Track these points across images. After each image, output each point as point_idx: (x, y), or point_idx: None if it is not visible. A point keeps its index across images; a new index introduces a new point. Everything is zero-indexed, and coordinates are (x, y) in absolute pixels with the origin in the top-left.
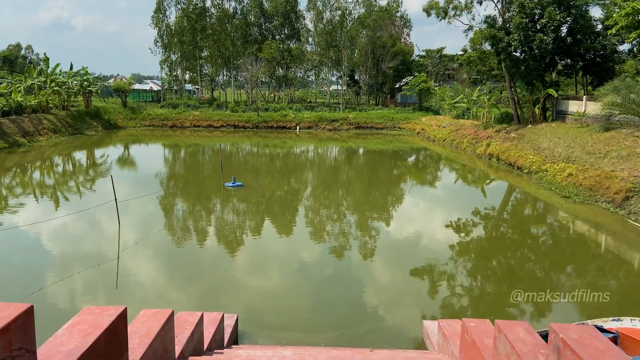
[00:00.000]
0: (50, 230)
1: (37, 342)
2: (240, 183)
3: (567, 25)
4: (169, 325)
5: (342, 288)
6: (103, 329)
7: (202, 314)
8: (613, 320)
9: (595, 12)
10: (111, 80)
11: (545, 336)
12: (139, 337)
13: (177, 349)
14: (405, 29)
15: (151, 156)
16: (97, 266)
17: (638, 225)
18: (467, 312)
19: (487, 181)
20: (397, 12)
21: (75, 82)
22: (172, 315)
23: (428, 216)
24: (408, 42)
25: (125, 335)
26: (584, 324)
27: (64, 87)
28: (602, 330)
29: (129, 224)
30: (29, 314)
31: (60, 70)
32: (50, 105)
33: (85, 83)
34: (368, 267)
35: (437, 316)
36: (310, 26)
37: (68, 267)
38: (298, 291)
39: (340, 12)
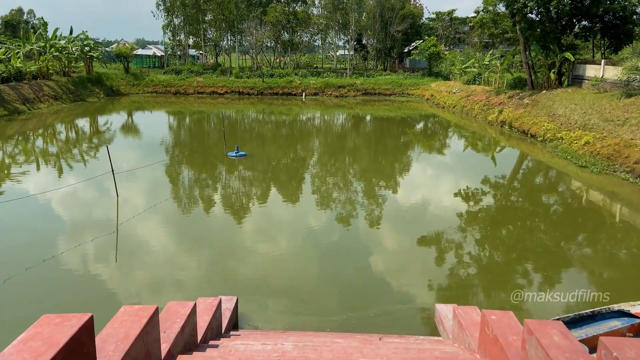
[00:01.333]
0: (49, 201)
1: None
2: (243, 153)
3: None
4: (152, 324)
5: (348, 264)
6: (60, 345)
7: (196, 303)
8: None
9: None
10: (114, 45)
11: (566, 322)
12: (115, 342)
13: (165, 347)
14: None
15: (155, 124)
16: (96, 239)
17: None
18: (475, 282)
19: (499, 149)
20: None
21: (75, 47)
22: (156, 312)
23: (436, 184)
24: (417, 4)
25: (93, 348)
26: (609, 308)
27: (64, 52)
28: (628, 314)
29: (132, 193)
30: None
31: (61, 35)
32: (50, 71)
33: (86, 48)
34: (375, 241)
35: (444, 290)
36: None
37: (66, 240)
38: (303, 266)
39: None
